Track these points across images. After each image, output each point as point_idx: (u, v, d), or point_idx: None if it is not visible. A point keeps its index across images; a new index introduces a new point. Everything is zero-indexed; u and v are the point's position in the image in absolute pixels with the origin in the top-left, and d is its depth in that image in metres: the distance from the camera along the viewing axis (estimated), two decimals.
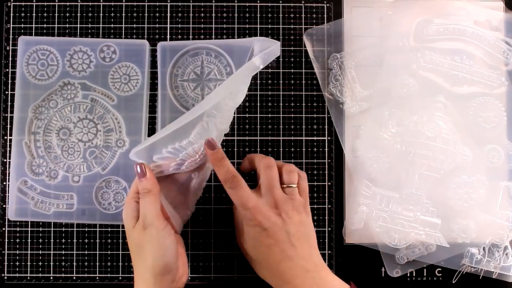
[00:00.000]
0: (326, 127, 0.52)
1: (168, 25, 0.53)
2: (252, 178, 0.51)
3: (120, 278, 0.51)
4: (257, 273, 0.46)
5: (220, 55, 0.50)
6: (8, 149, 0.51)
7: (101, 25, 0.52)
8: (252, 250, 0.44)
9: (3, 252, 0.51)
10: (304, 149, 0.52)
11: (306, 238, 0.44)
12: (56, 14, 0.52)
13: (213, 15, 0.53)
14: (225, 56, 0.50)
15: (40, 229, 0.51)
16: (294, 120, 0.52)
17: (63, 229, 0.51)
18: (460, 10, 0.52)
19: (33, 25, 0.52)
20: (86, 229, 0.51)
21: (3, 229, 0.51)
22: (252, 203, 0.43)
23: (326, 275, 0.43)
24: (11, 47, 0.52)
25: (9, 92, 0.52)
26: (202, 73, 0.50)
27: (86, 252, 0.51)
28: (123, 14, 0.52)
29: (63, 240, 0.51)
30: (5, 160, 0.51)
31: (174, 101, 0.51)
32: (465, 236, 0.50)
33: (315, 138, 0.52)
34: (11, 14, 0.52)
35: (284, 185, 0.45)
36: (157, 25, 0.53)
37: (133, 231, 0.43)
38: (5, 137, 0.51)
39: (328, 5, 0.53)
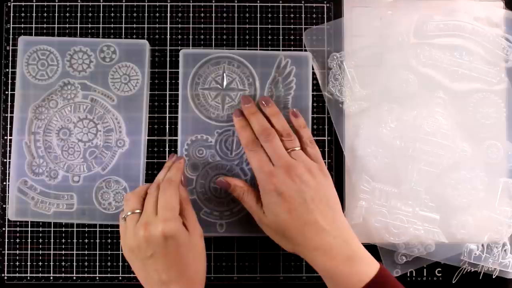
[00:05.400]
0: (326, 127, 0.52)
1: (168, 25, 0.53)
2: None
3: (120, 278, 0.51)
4: (284, 247, 0.44)
5: (242, 65, 0.50)
6: (8, 149, 0.51)
7: (101, 25, 0.52)
8: (273, 222, 0.43)
9: (3, 252, 0.51)
10: None
11: (326, 201, 0.43)
12: (56, 14, 0.52)
13: (213, 15, 0.53)
14: (248, 67, 0.50)
15: (40, 229, 0.51)
16: None
17: (63, 229, 0.51)
18: (460, 9, 0.52)
19: (33, 25, 0.52)
20: (86, 229, 0.51)
21: (3, 229, 0.51)
22: (267, 167, 0.44)
23: (352, 241, 0.42)
24: (11, 47, 0.52)
25: (9, 92, 0.52)
26: (223, 82, 0.50)
27: (86, 252, 0.51)
28: (123, 14, 0.52)
29: (63, 240, 0.51)
30: (5, 160, 0.51)
31: (195, 110, 0.50)
32: (464, 232, 0.50)
33: (315, 138, 0.51)
34: (11, 14, 0.52)
35: (288, 150, 0.45)
36: (157, 25, 0.53)
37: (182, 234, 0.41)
38: (5, 137, 0.51)
39: (328, 5, 0.53)
